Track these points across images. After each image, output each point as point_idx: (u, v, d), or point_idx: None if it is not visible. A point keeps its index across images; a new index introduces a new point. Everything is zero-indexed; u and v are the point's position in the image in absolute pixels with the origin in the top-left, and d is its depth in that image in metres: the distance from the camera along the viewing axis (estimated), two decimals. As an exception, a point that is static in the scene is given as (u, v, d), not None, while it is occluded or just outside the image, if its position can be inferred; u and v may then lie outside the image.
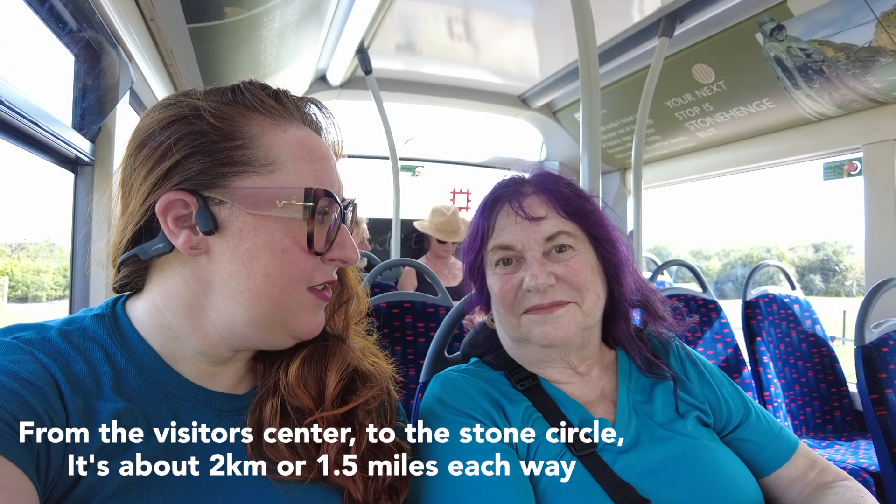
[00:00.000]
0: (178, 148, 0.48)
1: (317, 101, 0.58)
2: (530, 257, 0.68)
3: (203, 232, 0.48)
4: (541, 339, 0.67)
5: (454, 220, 2.86)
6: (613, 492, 0.60)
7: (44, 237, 1.82)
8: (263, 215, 0.49)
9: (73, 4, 1.10)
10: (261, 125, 0.51)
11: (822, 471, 0.71)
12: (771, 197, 23.45)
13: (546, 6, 2.16)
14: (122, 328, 0.51)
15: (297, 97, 0.55)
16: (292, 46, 2.08)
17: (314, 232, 0.51)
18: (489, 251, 0.72)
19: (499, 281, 0.70)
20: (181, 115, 0.49)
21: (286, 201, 0.49)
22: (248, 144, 0.50)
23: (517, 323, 0.69)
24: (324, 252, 0.52)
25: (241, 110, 0.51)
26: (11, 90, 0.87)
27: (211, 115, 0.49)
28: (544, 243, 0.69)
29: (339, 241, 0.54)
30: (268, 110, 0.52)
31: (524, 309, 0.68)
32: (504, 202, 0.72)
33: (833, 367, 2.18)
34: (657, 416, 0.69)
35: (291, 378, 0.54)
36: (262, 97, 0.52)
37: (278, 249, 0.49)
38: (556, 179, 0.73)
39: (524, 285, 0.67)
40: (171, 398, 0.49)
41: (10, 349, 0.44)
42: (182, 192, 0.48)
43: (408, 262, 1.98)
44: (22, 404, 0.39)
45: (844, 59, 1.83)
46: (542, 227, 0.69)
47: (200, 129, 0.49)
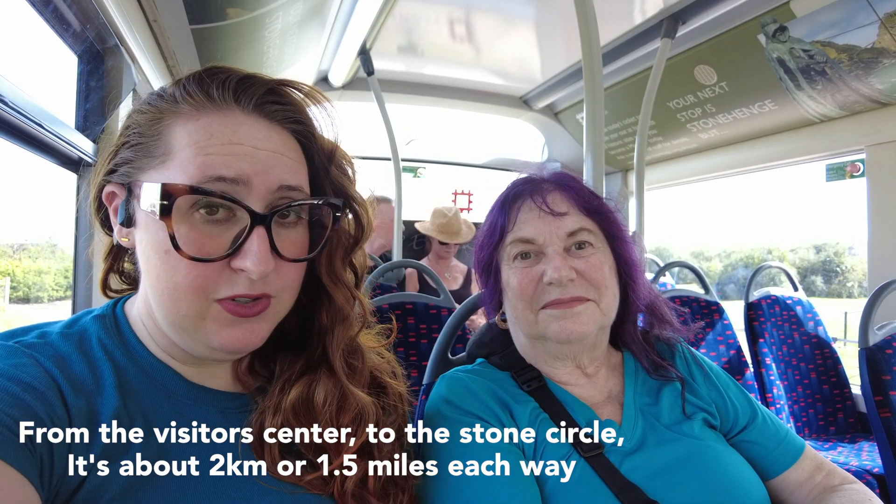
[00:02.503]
0: (121, 138, 0.49)
1: (282, 83, 0.51)
2: (551, 252, 0.68)
3: (120, 223, 0.49)
4: (559, 334, 0.66)
5: (455, 221, 2.85)
6: (620, 493, 0.59)
7: (45, 238, 1.82)
8: (150, 212, 0.45)
9: (76, 6, 1.10)
10: (176, 116, 0.47)
11: (828, 474, 0.70)
12: (773, 198, 23.46)
13: (548, 7, 2.15)
14: (121, 328, 0.51)
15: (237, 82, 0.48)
16: (294, 48, 2.08)
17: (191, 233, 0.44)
18: (508, 245, 0.71)
19: (518, 274, 0.69)
20: (135, 109, 0.50)
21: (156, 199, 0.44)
22: (155, 136, 0.47)
23: (534, 319, 0.69)
24: (213, 258, 0.45)
25: (170, 103, 0.48)
26: (15, 91, 0.87)
27: (144, 109, 0.49)
28: (566, 239, 0.69)
29: (245, 247, 0.45)
30: (192, 100, 0.47)
31: (543, 303, 0.68)
32: (525, 197, 0.72)
33: (836, 368, 2.17)
34: (664, 418, 0.69)
35: (289, 407, 0.51)
36: (190, 88, 0.48)
37: (161, 251, 0.45)
38: (574, 178, 0.74)
39: (545, 278, 0.67)
40: (171, 397, 0.49)
41: (12, 353, 0.43)
42: (115, 183, 0.49)
43: (410, 263, 1.97)
44: (24, 408, 0.39)
45: (847, 60, 1.82)
46: (565, 222, 0.69)
47: (136, 121, 0.49)
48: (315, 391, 0.53)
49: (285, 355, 0.56)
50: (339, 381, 0.54)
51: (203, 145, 0.45)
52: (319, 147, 0.53)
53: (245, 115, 0.48)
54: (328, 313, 0.55)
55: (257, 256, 0.45)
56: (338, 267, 0.55)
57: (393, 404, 0.60)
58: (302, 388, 0.53)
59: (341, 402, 0.53)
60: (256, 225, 0.45)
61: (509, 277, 0.71)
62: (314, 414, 0.52)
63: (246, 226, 0.45)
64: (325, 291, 0.55)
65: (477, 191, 3.81)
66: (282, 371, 0.55)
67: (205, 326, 0.46)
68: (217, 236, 0.45)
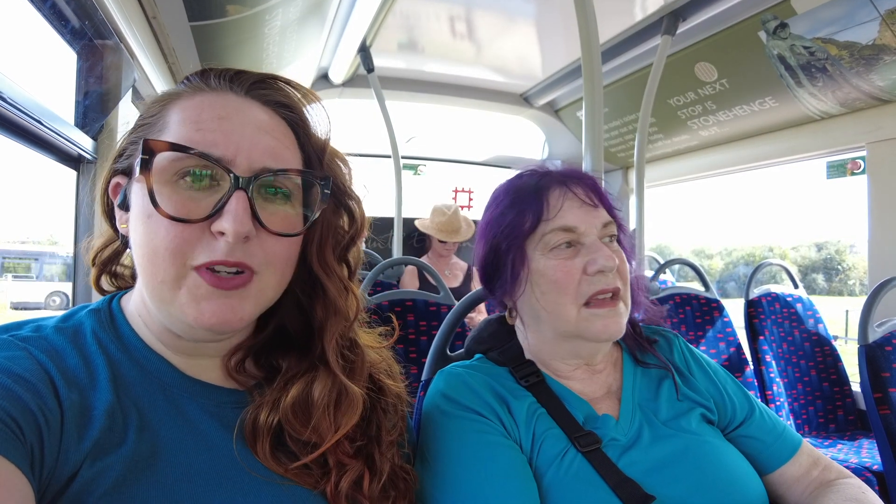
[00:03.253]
0: (128, 137, 0.52)
1: (275, 77, 0.53)
2: (591, 241, 0.67)
3: (119, 206, 0.51)
4: (601, 333, 0.66)
5: (455, 219, 2.85)
6: (617, 488, 0.60)
7: (46, 235, 1.83)
8: (136, 181, 0.47)
9: (75, 2, 1.10)
10: (176, 99, 0.50)
11: (825, 469, 0.70)
12: (774, 196, 23.44)
13: (548, 5, 2.15)
14: (117, 322, 0.51)
15: (232, 72, 0.52)
16: (294, 45, 2.08)
17: (166, 193, 0.45)
18: (547, 234, 0.68)
19: (560, 267, 0.67)
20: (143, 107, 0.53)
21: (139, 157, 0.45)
22: (155, 116, 0.50)
23: (576, 315, 0.66)
24: (190, 219, 0.45)
25: (172, 95, 0.51)
26: (14, 88, 0.87)
27: (150, 104, 0.51)
28: (602, 230, 0.68)
29: (224, 209, 0.45)
30: (189, 86, 0.51)
31: (588, 296, 0.66)
32: (558, 187, 0.70)
33: (836, 366, 2.17)
34: (661, 414, 0.69)
35: (288, 406, 0.51)
36: (191, 78, 0.52)
37: (144, 215, 0.46)
38: (590, 175, 0.74)
39: (594, 266, 0.65)
40: (167, 390, 0.49)
41: (6, 346, 0.44)
42: (120, 174, 0.51)
43: (409, 260, 1.98)
44: (15, 401, 0.39)
45: (848, 57, 1.82)
46: (601, 214, 0.69)
47: (140, 116, 0.52)
48: (313, 388, 0.53)
49: (291, 355, 0.56)
50: (336, 376, 0.54)
51: (194, 119, 0.47)
52: (313, 139, 0.54)
53: (237, 97, 0.50)
54: (322, 307, 0.55)
55: (234, 215, 0.45)
56: (329, 257, 0.55)
57: (392, 404, 0.60)
58: (302, 386, 0.53)
59: (338, 399, 0.53)
60: (238, 189, 0.46)
61: (546, 269, 0.68)
62: (311, 410, 0.52)
63: (227, 190, 0.46)
64: (319, 284, 0.55)
65: (477, 188, 3.81)
66: (287, 369, 0.55)
67: (179, 297, 0.46)
68: (199, 201, 0.46)
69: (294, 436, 0.51)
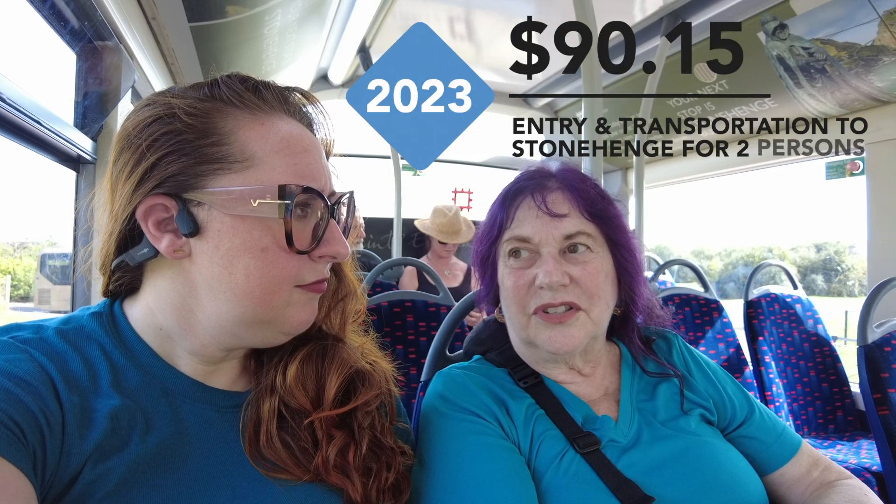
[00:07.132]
0: (155, 149, 0.47)
1: (303, 91, 0.55)
2: (546, 253, 0.66)
3: (184, 235, 0.47)
4: (546, 344, 0.66)
5: (455, 220, 2.84)
6: (617, 489, 0.59)
7: (46, 236, 1.83)
8: (240, 215, 0.47)
9: (74, 3, 1.10)
10: (237, 120, 0.49)
11: (825, 469, 0.70)
12: (773, 197, 23.46)
13: (548, 5, 2.15)
14: (120, 326, 0.51)
15: (279, 87, 0.53)
16: (294, 45, 2.08)
17: (293, 230, 0.48)
18: (504, 241, 0.70)
19: (511, 276, 0.68)
20: (157, 116, 0.48)
21: (261, 199, 0.47)
22: (223, 141, 0.48)
23: (526, 322, 0.68)
24: (308, 250, 0.50)
25: (218, 105, 0.49)
26: (13, 88, 0.87)
27: (185, 114, 0.47)
28: (562, 241, 0.67)
29: (327, 237, 0.51)
30: (245, 104, 0.50)
31: (534, 308, 0.66)
32: (527, 194, 0.70)
33: (835, 366, 2.17)
34: (660, 414, 0.69)
35: (290, 378, 0.53)
36: (240, 90, 0.50)
37: (257, 249, 0.48)
38: (582, 178, 0.71)
39: (537, 281, 0.65)
40: (169, 395, 0.49)
41: (7, 348, 0.44)
42: (161, 195, 0.47)
43: (409, 261, 1.98)
44: (17, 403, 0.39)
45: (847, 58, 1.82)
46: (563, 224, 0.67)
47: (175, 128, 0.47)
48: (314, 360, 0.56)
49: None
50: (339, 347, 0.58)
51: (287, 153, 0.50)
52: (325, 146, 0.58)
53: (295, 121, 0.53)
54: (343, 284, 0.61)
55: (339, 240, 0.53)
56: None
57: (377, 379, 0.61)
58: (299, 364, 0.55)
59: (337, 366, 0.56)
60: (332, 218, 0.52)
61: (504, 277, 0.70)
62: (309, 381, 0.55)
63: (320, 219, 0.51)
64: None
65: (477, 189, 3.81)
66: (276, 350, 0.56)
67: (287, 311, 0.51)
68: (304, 230, 0.50)
69: (293, 406, 0.53)
